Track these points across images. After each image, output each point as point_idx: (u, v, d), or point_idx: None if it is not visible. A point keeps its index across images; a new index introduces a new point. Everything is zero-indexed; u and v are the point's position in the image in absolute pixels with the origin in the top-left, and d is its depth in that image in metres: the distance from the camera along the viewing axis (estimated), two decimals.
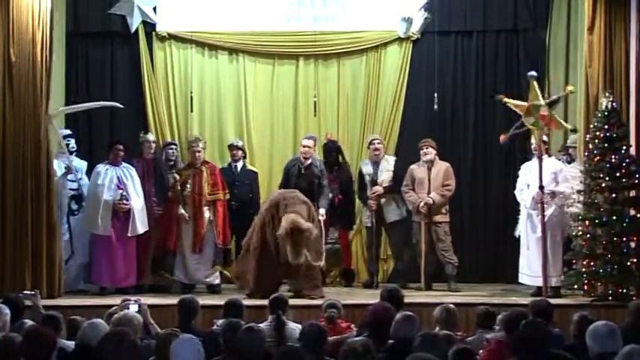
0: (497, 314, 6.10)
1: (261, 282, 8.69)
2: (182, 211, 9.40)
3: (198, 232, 9.41)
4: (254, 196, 10.00)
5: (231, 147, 10.04)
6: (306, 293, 8.69)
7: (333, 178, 9.81)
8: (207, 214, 9.45)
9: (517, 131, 8.99)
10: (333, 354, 4.87)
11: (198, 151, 9.57)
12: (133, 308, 5.94)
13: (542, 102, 8.67)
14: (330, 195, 9.60)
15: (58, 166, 9.25)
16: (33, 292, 6.96)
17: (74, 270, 9.35)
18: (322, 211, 9.29)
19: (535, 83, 8.76)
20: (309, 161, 9.53)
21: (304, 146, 9.59)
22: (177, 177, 9.48)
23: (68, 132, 9.74)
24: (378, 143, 9.86)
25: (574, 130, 9.18)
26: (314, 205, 9.10)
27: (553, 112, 8.78)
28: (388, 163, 9.86)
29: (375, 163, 9.84)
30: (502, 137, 9.07)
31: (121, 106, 9.80)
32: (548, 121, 8.68)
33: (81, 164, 9.71)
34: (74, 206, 9.41)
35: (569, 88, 9.06)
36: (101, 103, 9.91)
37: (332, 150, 10.00)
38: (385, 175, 9.76)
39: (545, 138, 9.09)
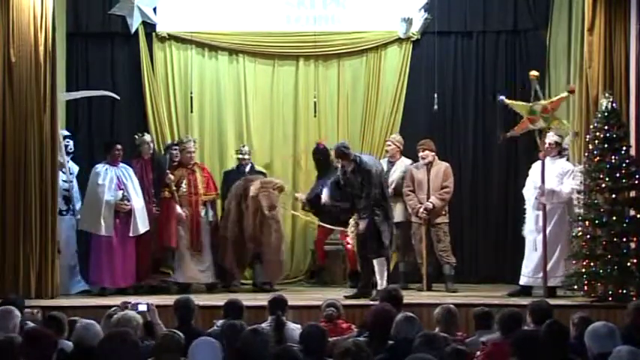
0: (494, 315, 6.10)
1: (234, 259, 9.40)
2: (179, 210, 9.43)
3: (195, 231, 9.45)
4: None
5: (239, 153, 9.99)
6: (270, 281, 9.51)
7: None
8: (203, 212, 9.54)
9: (514, 134, 9.04)
10: (332, 355, 4.87)
11: (192, 152, 9.66)
12: (142, 308, 5.97)
13: (544, 102, 8.73)
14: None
15: None
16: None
17: (63, 272, 9.12)
18: (362, 226, 8.79)
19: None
20: (350, 167, 8.85)
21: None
22: (172, 177, 9.51)
23: (67, 133, 9.73)
24: (389, 145, 9.86)
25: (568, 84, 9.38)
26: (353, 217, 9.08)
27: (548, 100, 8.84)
28: (403, 165, 9.79)
29: (390, 163, 9.81)
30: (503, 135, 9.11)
31: (117, 97, 10.04)
32: (549, 107, 8.70)
33: (74, 168, 9.66)
34: (63, 207, 9.34)
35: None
36: (99, 92, 10.05)
37: (316, 153, 10.05)
38: (396, 175, 9.71)
39: (557, 139, 9.09)
